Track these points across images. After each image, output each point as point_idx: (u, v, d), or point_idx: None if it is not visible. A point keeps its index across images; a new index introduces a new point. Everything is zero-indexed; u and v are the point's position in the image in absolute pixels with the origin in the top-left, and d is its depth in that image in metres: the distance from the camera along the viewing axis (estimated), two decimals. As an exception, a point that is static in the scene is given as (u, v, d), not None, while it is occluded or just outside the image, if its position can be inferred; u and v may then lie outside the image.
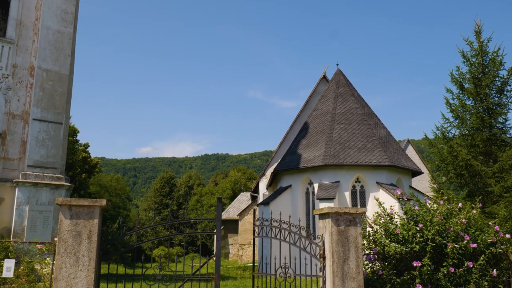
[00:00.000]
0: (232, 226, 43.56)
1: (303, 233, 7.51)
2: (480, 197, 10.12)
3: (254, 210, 8.69)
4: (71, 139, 31.42)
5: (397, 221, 7.83)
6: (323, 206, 21.77)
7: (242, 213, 40.70)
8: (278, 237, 7.74)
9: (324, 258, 7.08)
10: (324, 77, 30.60)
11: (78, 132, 33.07)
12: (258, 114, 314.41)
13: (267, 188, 29.96)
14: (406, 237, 7.27)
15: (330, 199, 21.47)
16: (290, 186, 23.98)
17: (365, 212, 7.04)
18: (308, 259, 7.39)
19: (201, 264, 6.83)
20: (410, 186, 24.04)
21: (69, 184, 18.70)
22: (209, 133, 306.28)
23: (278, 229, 7.76)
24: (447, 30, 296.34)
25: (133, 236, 6.73)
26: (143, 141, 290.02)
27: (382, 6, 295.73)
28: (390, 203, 16.56)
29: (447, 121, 16.51)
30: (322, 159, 22.65)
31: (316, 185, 22.89)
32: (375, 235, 7.74)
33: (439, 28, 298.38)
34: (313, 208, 23.30)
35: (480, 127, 15.56)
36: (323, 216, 7.29)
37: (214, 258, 6.79)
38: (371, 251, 7.70)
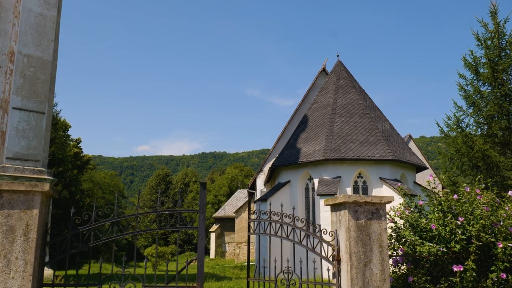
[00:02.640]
0: (228, 224, 41.80)
1: (311, 229, 5.81)
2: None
3: (249, 201, 6.96)
4: (62, 134, 29.60)
5: (427, 215, 6.12)
6: (323, 202, 20.05)
7: (239, 210, 38.90)
8: (279, 234, 6.03)
9: (338, 261, 5.37)
10: (324, 70, 28.86)
11: (70, 127, 31.17)
12: (256, 112, 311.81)
13: (264, 185, 28.19)
14: (443, 234, 5.56)
15: (331, 195, 19.80)
16: (289, 181, 22.26)
17: (391, 202, 5.34)
18: (318, 262, 5.69)
19: (178, 270, 5.08)
20: (415, 182, 22.40)
21: (51, 178, 16.80)
22: (206, 131, 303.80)
23: (279, 224, 6.05)
24: (446, 29, 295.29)
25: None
26: (141, 139, 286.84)
27: (382, 3, 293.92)
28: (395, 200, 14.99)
29: (460, 109, 14.84)
30: (323, 153, 20.96)
31: (316, 181, 21.22)
32: (400, 231, 6.03)
33: (438, 28, 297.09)
34: (313, 204, 21.59)
35: (497, 115, 13.89)
36: (337, 207, 5.58)
37: (196, 261, 5.07)
38: (394, 252, 6.00)
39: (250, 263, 28.09)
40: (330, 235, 5.56)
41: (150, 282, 5.32)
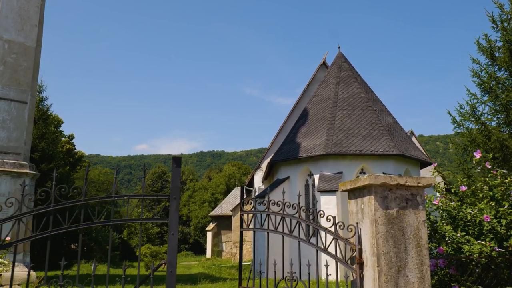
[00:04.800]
0: (225, 222, 40.30)
1: (321, 221, 4.38)
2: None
3: (242, 191, 5.51)
4: (53, 130, 28.09)
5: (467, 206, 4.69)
6: (324, 199, 18.64)
7: (236, 208, 37.39)
8: (279, 229, 4.60)
9: (361, 265, 3.93)
10: (324, 63, 27.42)
11: (62, 122, 29.65)
12: (255, 111, 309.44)
13: (262, 182, 26.76)
14: (498, 229, 4.14)
15: (332, 191, 18.43)
16: (288, 178, 20.83)
17: (431, 185, 3.92)
18: (332, 265, 4.26)
19: (141, 280, 3.63)
20: (419, 178, 20.99)
21: (34, 172, 15.40)
22: (205, 130, 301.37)
23: (281, 216, 4.62)
24: (445, 29, 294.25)
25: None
26: (139, 139, 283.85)
27: (381, 4, 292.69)
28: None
29: (473, 97, 13.43)
30: (323, 148, 19.54)
31: (316, 177, 19.79)
32: (437, 225, 4.60)
33: (439, 28, 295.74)
34: (313, 202, 20.15)
35: (517, 102, 12.49)
36: (358, 193, 4.13)
37: (165, 265, 3.61)
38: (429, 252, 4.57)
39: (247, 264, 26.55)
40: (349, 230, 4.11)
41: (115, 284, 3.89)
